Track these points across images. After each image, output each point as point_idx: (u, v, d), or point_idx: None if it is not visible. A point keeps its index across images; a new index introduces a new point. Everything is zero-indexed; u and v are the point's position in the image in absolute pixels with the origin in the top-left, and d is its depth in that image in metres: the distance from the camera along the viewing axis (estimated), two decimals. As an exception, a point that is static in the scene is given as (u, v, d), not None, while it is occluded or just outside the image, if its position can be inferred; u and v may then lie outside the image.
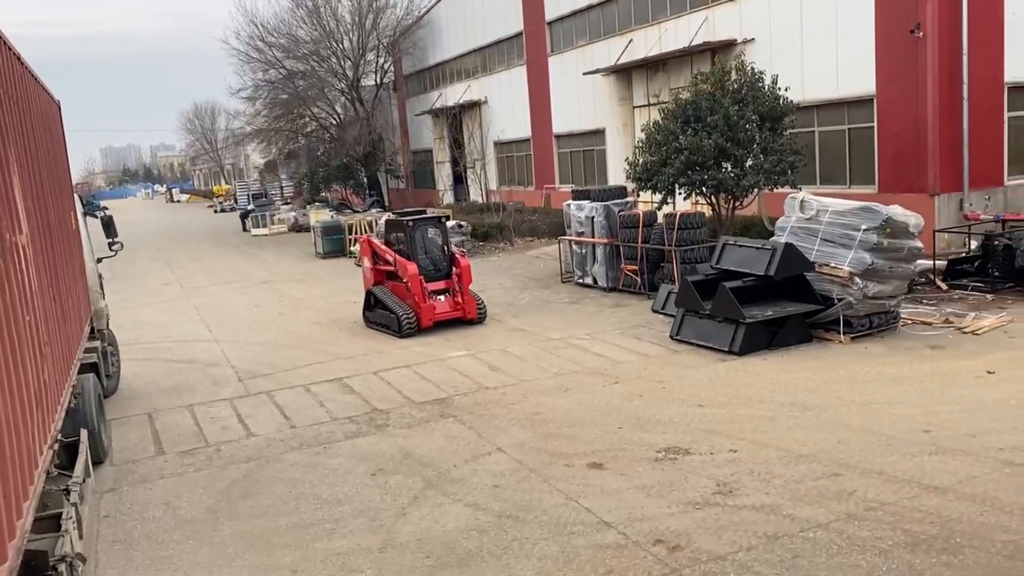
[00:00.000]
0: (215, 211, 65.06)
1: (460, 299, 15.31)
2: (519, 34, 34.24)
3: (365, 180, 45.51)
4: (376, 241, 16.55)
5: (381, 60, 44.64)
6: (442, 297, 15.32)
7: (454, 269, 15.48)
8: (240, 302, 20.50)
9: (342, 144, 42.31)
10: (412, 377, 12.21)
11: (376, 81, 45.06)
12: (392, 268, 15.57)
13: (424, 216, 16.41)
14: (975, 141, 17.58)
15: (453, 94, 39.99)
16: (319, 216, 34.89)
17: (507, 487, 7.85)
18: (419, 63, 44.06)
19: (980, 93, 17.52)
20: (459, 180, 41.59)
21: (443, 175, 42.93)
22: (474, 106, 38.46)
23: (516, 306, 17.33)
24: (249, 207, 45.69)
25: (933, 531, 6.29)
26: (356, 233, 29.60)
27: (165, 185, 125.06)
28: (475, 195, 37.99)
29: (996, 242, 15.20)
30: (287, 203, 51.77)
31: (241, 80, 47.10)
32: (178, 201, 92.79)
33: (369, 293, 15.96)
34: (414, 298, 14.98)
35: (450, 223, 27.68)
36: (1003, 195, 18.16)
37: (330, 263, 27.76)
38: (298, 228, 39.91)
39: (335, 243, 29.42)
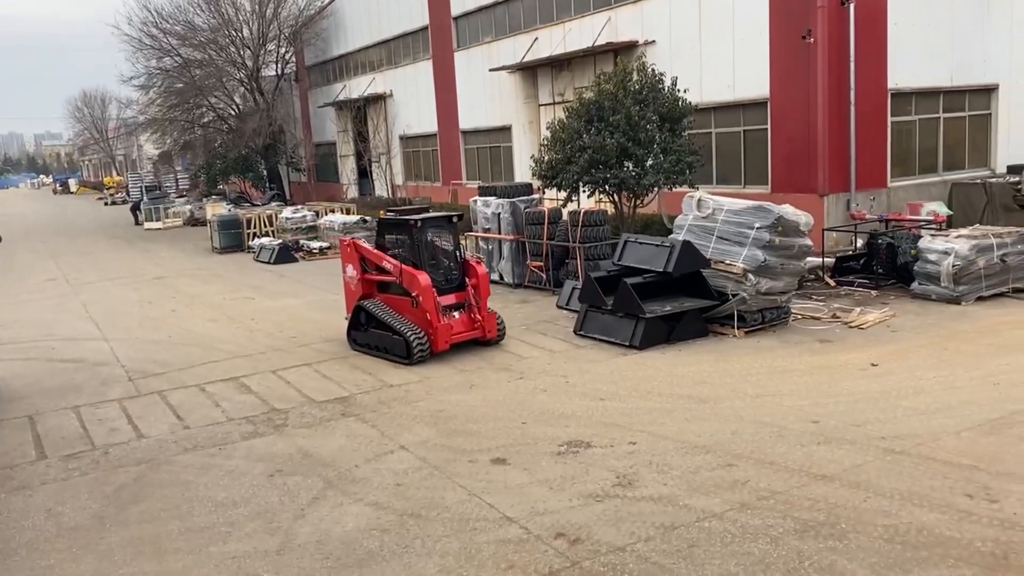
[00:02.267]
0: (105, 203, 62.32)
1: (477, 315, 12.72)
2: (425, 28, 33.99)
3: (265, 173, 44.34)
4: (365, 244, 13.56)
5: (282, 50, 43.58)
6: (456, 313, 12.66)
7: (467, 279, 12.89)
8: (131, 299, 19.64)
9: (241, 135, 41.10)
10: (313, 376, 11.95)
11: (277, 72, 43.95)
12: (388, 278, 12.78)
13: (433, 215, 13.57)
14: (861, 145, 18.46)
15: (357, 87, 39.39)
16: (216, 210, 33.86)
17: (410, 485, 7.78)
18: (322, 54, 43.22)
19: (866, 99, 18.40)
20: (364, 174, 41.02)
21: (347, 169, 42.25)
22: (379, 99, 37.98)
23: (421, 302, 17.18)
24: (141, 199, 43.81)
25: (820, 518, 6.55)
26: (255, 227, 28.85)
27: (52, 176, 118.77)
28: (381, 190, 37.56)
29: (880, 241, 16.00)
30: (182, 196, 50.01)
31: (133, 68, 45.06)
32: (72, 192, 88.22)
33: (359, 309, 13.02)
34: (425, 316, 12.20)
35: (353, 217, 27.35)
36: (886, 196, 19.13)
37: (228, 258, 26.92)
38: (194, 222, 38.60)
39: (233, 238, 28.58)
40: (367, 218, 26.91)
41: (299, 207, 31.58)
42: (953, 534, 6.14)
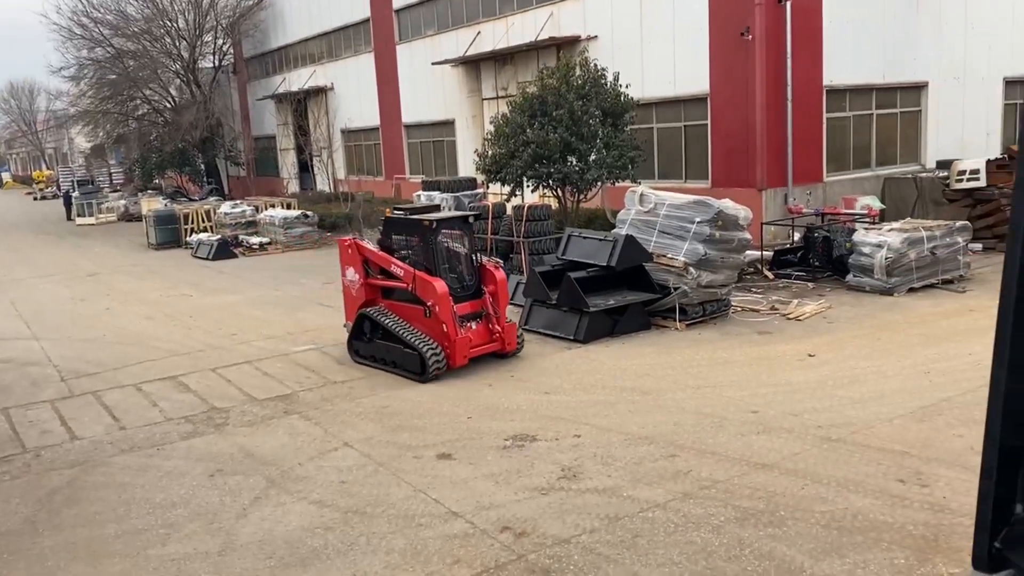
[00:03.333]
0: (35, 198, 60.27)
1: (496, 325, 11.41)
2: (366, 21, 33.61)
3: (203, 167, 43.38)
4: (368, 245, 12.13)
5: (220, 42, 42.63)
6: (473, 324, 11.37)
7: (484, 286, 11.59)
8: (64, 296, 19.04)
9: (177, 129, 40.11)
10: (254, 373, 11.75)
11: (214, 63, 43.00)
12: (396, 283, 11.52)
13: (448, 214, 12.34)
14: (798, 140, 18.87)
15: (298, 79, 38.77)
16: (152, 205, 33.02)
17: (354, 482, 7.71)
18: (261, 46, 42.42)
19: (802, 95, 18.81)
20: (305, 168, 40.39)
21: (288, 163, 41.60)
22: (320, 92, 37.44)
23: (364, 298, 17.02)
24: (73, 193, 42.45)
25: (760, 506, 6.70)
26: (193, 223, 28.22)
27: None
28: (322, 184, 37.03)
29: (816, 234, 16.39)
30: (116, 190, 48.61)
31: (63, 58, 43.63)
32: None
33: (362, 317, 11.71)
34: (440, 327, 10.92)
35: (294, 212, 26.95)
36: (822, 191, 19.59)
37: (164, 254, 26.30)
38: (129, 217, 37.59)
39: (169, 233, 27.91)
40: (308, 213, 26.56)
41: (238, 202, 30.96)
42: (887, 518, 6.33)
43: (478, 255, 11.87)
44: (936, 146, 21.52)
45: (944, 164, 19.58)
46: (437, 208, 12.73)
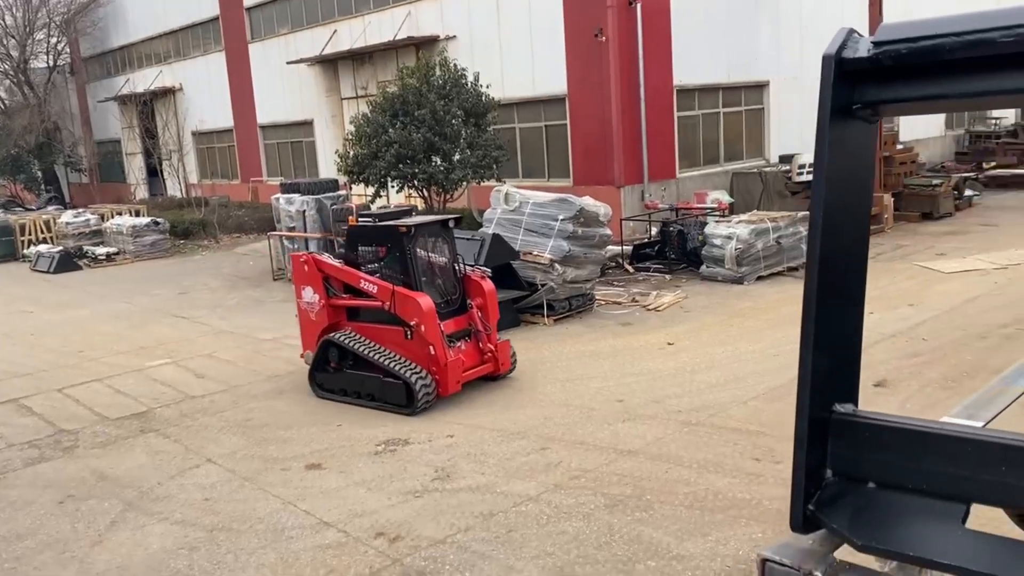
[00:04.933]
0: None
1: (487, 344, 10.01)
2: (215, 19, 32.35)
3: (40, 174, 40.47)
4: (329, 260, 10.37)
5: (54, 40, 39.88)
6: (460, 343, 9.87)
7: (468, 300, 10.16)
8: None
9: (9, 134, 37.26)
10: (105, 392, 11.08)
11: (49, 63, 40.16)
12: (367, 302, 9.92)
13: (426, 219, 10.71)
14: (652, 138, 19.61)
15: (143, 80, 36.82)
16: (-17, 215, 30.45)
17: (219, 499, 7.41)
18: (101, 45, 40.00)
19: (654, 95, 19.56)
20: (154, 173, 38.40)
21: (135, 168, 39.43)
22: (168, 93, 35.73)
23: (224, 307, 16.41)
24: None
25: (628, 491, 6.92)
26: (31, 234, 26.28)
27: None
28: (173, 189, 35.34)
29: (671, 228, 17.09)
30: (-59, 201, 44.60)
31: None
32: None
33: (327, 345, 10.03)
34: (426, 349, 9.39)
35: (143, 220, 25.58)
36: (676, 186, 20.45)
37: None
38: (-44, 229, 34.51)
39: (5, 246, 25.86)
40: (159, 220, 25.27)
41: (81, 210, 29.04)
42: (745, 495, 6.69)
43: (461, 264, 10.34)
44: (778, 141, 22.88)
45: (786, 159, 20.84)
46: (408, 213, 11.13)
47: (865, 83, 1.07)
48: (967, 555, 1.00)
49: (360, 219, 10.57)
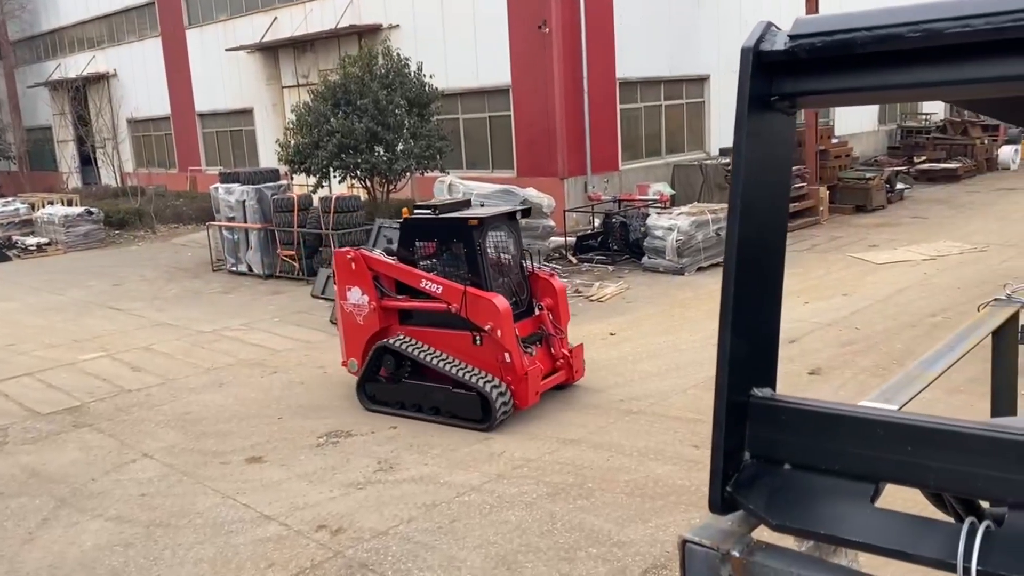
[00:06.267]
0: None
1: (560, 349, 9.11)
2: (151, 3, 31.49)
3: (-35, 162, 38.98)
4: (381, 257, 9.21)
5: (-21, 22, 38.39)
6: (532, 349, 8.86)
7: (536, 300, 9.20)
8: None
9: (-69, 119, 35.77)
10: (35, 386, 10.75)
11: (-27, 46, 38.67)
12: (429, 304, 8.79)
13: (494, 211, 9.65)
14: (595, 130, 19.74)
15: (75, 65, 35.66)
16: (-97, 204, 29.19)
17: (156, 494, 7.27)
18: (30, 28, 38.63)
19: (597, 87, 19.68)
20: (88, 162, 37.27)
21: (67, 156, 38.23)
22: (102, 79, 34.67)
23: (162, 299, 16.04)
24: None
25: (570, 480, 7.00)
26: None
27: None
28: (108, 178, 34.36)
29: (614, 220, 17.24)
30: None
31: None
32: None
33: (381, 351, 8.95)
34: (498, 356, 8.41)
35: (76, 209, 24.82)
36: (619, 178, 20.63)
37: (-78, 259, 23.37)
38: None
39: (-73, 236, 24.81)
40: (92, 210, 24.53)
41: (10, 199, 28.03)
42: (684, 482, 6.82)
43: (529, 261, 9.43)
44: (719, 134, 23.24)
45: (726, 151, 21.19)
46: (467, 204, 10.03)
47: (782, 75, 1.10)
48: (875, 532, 1.04)
49: (416, 211, 9.43)
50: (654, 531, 6.05)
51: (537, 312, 9.05)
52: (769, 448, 1.16)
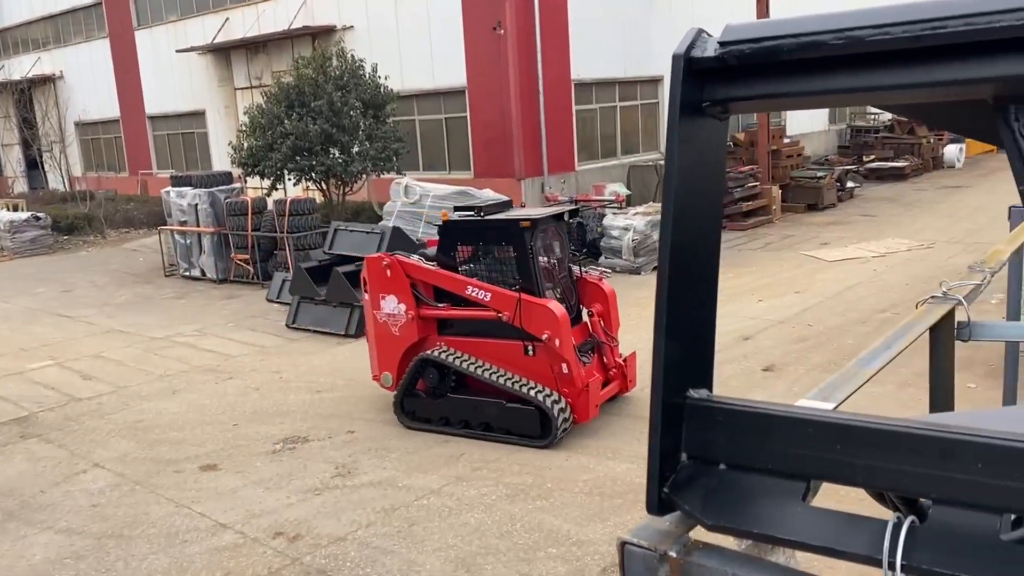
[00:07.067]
0: None
1: (612, 358, 8.52)
2: (99, 3, 30.86)
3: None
4: (418, 262, 8.57)
5: (-82, 22, 37.22)
6: (586, 359, 8.22)
7: (583, 306, 8.70)
8: None
9: None
10: (-19, 396, 10.47)
11: (-88, 47, 37.50)
12: (478, 313, 8.15)
13: (545, 212, 8.86)
14: (551, 131, 19.82)
15: (19, 67, 34.75)
16: None
17: (108, 505, 7.12)
18: (-29, 28, 37.58)
19: (553, 88, 19.76)
20: (34, 166, 36.38)
21: (12, 160, 37.26)
22: (47, 81, 33.87)
23: (113, 305, 15.72)
24: None
25: (529, 480, 7.01)
26: None
27: None
28: (55, 182, 33.58)
29: (571, 220, 17.30)
30: None
31: None
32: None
33: (423, 364, 8.32)
34: (553, 368, 7.85)
35: (22, 214, 24.20)
36: (575, 179, 20.74)
37: None
38: None
39: None
40: (39, 215, 23.94)
41: (-47, 205, 27.29)
42: (642, 480, 6.69)
43: (580, 265, 8.94)
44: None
45: (680, 152, 21.33)
46: (509, 205, 9.24)
47: (713, 82, 1.12)
48: (805, 530, 1.06)
49: (457, 213, 8.90)
50: (613, 530, 6.09)
51: (586, 319, 8.55)
52: (705, 449, 1.18)
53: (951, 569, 0.95)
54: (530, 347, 7.91)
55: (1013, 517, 1.03)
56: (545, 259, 8.37)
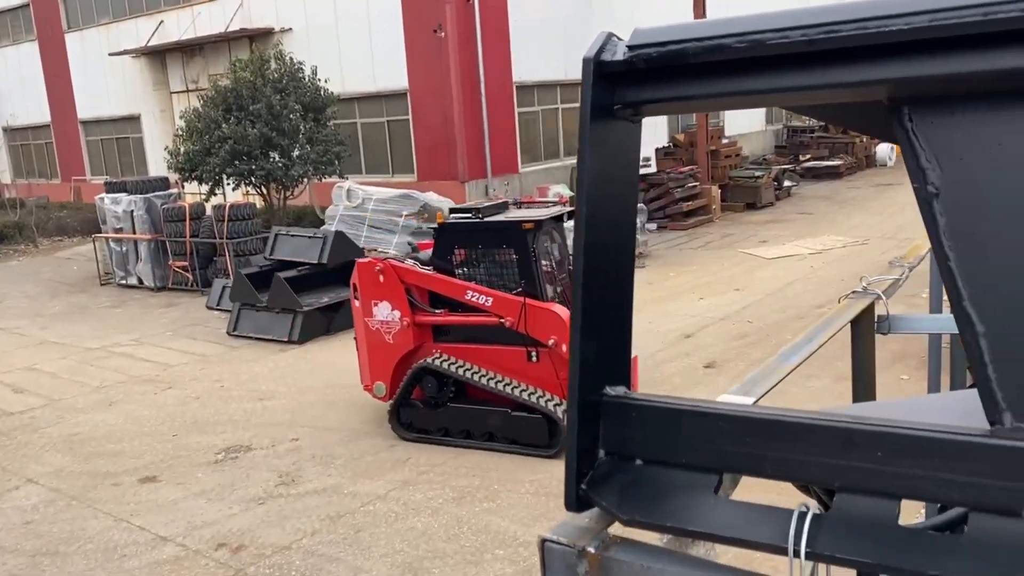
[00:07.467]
0: None
1: None
2: (26, 5, 29.93)
3: None
4: (413, 266, 8.26)
5: None
6: None
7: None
8: None
9: None
10: (-95, 413, 10.05)
11: None
12: (478, 318, 7.85)
13: (545, 214, 8.55)
14: (494, 133, 19.85)
15: (-57, 71, 33.52)
16: None
17: (42, 521, 6.91)
18: None
19: (495, 91, 19.80)
20: (-39, 173, 35.12)
21: (-62, 167, 35.90)
22: (-27, 86, 32.70)
23: (45, 316, 15.25)
24: None
25: (476, 483, 7.01)
26: None
27: None
28: (-16, 190, 32.44)
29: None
30: None
31: None
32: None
33: (421, 372, 8.00)
34: (558, 373, 7.51)
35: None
36: (519, 181, 20.80)
37: None
38: None
39: None
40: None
41: None
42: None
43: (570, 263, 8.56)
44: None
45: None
46: (506, 206, 8.89)
47: (623, 85, 1.14)
48: (716, 522, 1.09)
49: (453, 215, 8.53)
50: (558, 529, 6.12)
51: None
52: (622, 445, 1.20)
53: (851, 555, 0.98)
54: (534, 353, 7.65)
55: (939, 505, 1.07)
56: (546, 262, 8.19)
